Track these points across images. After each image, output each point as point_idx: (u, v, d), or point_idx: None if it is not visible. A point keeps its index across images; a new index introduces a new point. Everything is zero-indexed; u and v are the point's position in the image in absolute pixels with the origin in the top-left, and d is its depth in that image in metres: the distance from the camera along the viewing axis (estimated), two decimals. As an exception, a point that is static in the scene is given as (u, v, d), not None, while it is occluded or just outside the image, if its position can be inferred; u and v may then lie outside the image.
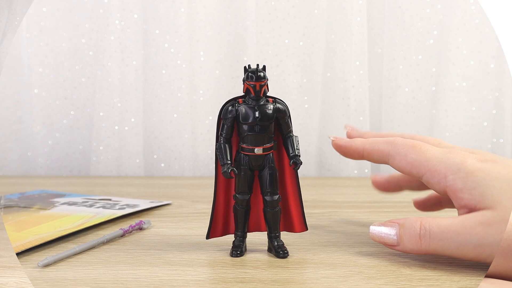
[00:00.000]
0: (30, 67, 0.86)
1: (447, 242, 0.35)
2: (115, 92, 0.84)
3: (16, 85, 0.87)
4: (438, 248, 0.35)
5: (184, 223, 0.51)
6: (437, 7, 0.85)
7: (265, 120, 0.38)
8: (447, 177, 0.36)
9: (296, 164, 0.39)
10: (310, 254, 0.40)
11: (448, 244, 0.35)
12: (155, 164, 0.88)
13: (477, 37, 0.84)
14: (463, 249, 0.34)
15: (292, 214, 0.41)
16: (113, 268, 0.37)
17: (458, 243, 0.34)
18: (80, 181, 0.78)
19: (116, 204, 0.56)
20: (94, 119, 0.85)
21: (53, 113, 0.87)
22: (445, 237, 0.35)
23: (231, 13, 0.85)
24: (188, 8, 0.84)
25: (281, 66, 0.86)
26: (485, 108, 0.86)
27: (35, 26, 0.85)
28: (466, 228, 0.34)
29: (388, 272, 0.36)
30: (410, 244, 0.36)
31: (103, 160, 0.85)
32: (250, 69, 0.38)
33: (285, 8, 0.85)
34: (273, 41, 0.86)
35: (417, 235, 0.36)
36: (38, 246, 0.41)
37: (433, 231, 0.35)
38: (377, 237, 0.38)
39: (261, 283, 0.34)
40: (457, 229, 0.34)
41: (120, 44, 0.83)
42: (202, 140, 0.87)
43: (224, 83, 0.86)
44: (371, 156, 0.42)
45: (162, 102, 0.86)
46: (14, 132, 0.88)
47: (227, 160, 0.38)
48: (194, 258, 0.39)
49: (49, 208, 0.55)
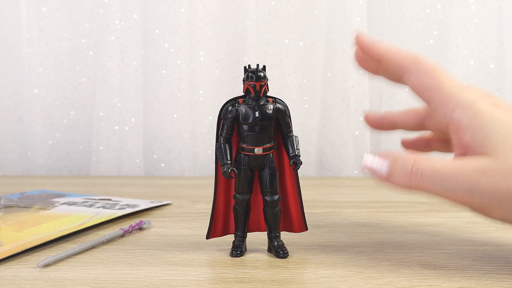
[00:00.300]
0: (30, 67, 0.86)
1: (438, 184, 0.34)
2: (115, 92, 0.84)
3: (16, 85, 0.87)
4: (427, 188, 0.34)
5: (184, 223, 0.51)
6: (437, 7, 0.85)
7: (265, 120, 0.38)
8: (455, 110, 0.35)
9: (296, 164, 0.39)
10: (310, 254, 0.40)
11: (439, 185, 0.34)
12: (155, 164, 0.88)
13: (477, 37, 0.84)
14: (453, 193, 0.33)
15: (292, 214, 0.41)
16: (113, 268, 0.37)
17: (448, 186, 0.33)
18: (80, 181, 0.78)
19: (116, 204, 0.56)
20: (94, 119, 0.85)
21: (53, 113, 0.87)
22: (436, 178, 0.34)
23: (231, 13, 0.85)
24: (188, 8, 0.84)
25: (281, 66, 0.86)
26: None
27: (35, 26, 0.85)
28: (460, 173, 0.33)
29: (388, 272, 0.36)
30: (400, 179, 0.35)
31: (103, 160, 0.85)
32: (250, 69, 0.38)
33: (285, 8, 0.85)
34: (273, 41, 0.86)
35: (408, 172, 0.35)
36: (38, 246, 0.41)
37: (425, 171, 0.34)
38: (369, 166, 0.37)
39: (261, 283, 0.34)
40: (451, 173, 0.33)
41: (120, 44, 0.84)
42: (202, 140, 0.87)
43: (224, 83, 0.86)
44: (389, 64, 0.39)
45: (162, 102, 0.86)
46: (14, 132, 0.88)
47: (227, 160, 0.38)
48: (194, 258, 0.39)
49: (49, 208, 0.55)
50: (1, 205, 0.56)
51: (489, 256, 0.39)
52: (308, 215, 0.42)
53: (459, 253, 0.40)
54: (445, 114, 0.36)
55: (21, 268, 0.37)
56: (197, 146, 0.87)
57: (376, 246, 0.42)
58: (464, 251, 0.41)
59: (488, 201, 0.33)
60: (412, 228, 0.48)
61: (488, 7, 0.84)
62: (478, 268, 0.36)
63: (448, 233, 0.46)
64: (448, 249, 0.41)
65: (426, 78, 0.37)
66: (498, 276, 0.34)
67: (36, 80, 0.86)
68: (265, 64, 0.48)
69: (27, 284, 0.34)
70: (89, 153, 0.87)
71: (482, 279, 0.34)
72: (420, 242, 0.43)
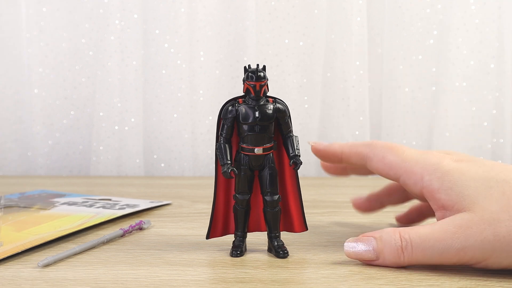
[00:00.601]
0: (30, 67, 0.86)
1: (430, 251, 0.34)
2: (115, 92, 0.84)
3: (16, 85, 0.87)
4: (420, 258, 0.35)
5: (184, 223, 0.51)
6: (437, 7, 0.85)
7: (265, 120, 0.38)
8: (423, 177, 0.36)
9: (296, 164, 0.39)
10: (310, 254, 0.40)
11: (431, 252, 0.34)
12: (155, 164, 0.88)
13: (477, 37, 0.84)
14: (446, 255, 0.34)
15: (292, 214, 0.41)
16: (113, 268, 0.37)
17: (440, 249, 0.34)
18: (80, 181, 0.78)
19: (116, 204, 0.56)
20: (94, 119, 0.85)
21: (53, 113, 0.87)
22: (427, 246, 0.34)
23: (231, 13, 0.85)
24: (188, 8, 0.84)
25: (281, 66, 0.86)
26: (485, 108, 0.86)
27: (35, 26, 0.85)
28: (447, 234, 0.34)
29: (388, 272, 0.36)
30: (391, 257, 0.35)
31: (103, 160, 0.85)
32: (250, 69, 0.38)
33: (285, 8, 0.85)
34: (273, 41, 0.86)
35: (398, 247, 0.35)
36: (38, 246, 0.41)
37: (414, 241, 0.34)
38: (353, 254, 0.37)
39: (261, 283, 0.34)
40: (439, 236, 0.34)
41: (120, 44, 0.84)
42: (202, 140, 0.87)
43: (224, 83, 0.86)
44: (349, 159, 0.42)
45: (162, 102, 0.86)
46: (14, 132, 0.88)
47: (227, 160, 0.38)
48: (194, 258, 0.39)
49: (49, 208, 0.55)
50: (1, 205, 0.56)
51: (489, 256, 0.39)
52: (308, 215, 0.42)
53: (459, 253, 0.40)
54: (415, 184, 0.37)
55: (21, 268, 0.37)
56: (197, 146, 0.87)
57: (376, 246, 0.42)
58: (464, 251, 0.41)
59: (481, 253, 0.33)
60: (412, 228, 0.48)
61: (488, 7, 0.84)
62: (478, 268, 0.36)
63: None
64: (448, 249, 0.41)
65: (387, 157, 0.38)
66: (498, 276, 0.34)
67: (36, 80, 0.86)
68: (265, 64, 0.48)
69: (27, 284, 0.34)
70: (89, 153, 0.87)
71: (482, 279, 0.34)
72: (420, 242, 0.43)
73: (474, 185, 0.34)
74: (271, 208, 0.39)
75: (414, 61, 0.86)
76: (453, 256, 0.34)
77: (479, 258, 0.33)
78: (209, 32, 0.85)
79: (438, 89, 0.86)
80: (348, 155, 0.42)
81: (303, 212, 0.41)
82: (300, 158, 0.39)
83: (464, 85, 0.85)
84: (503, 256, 0.33)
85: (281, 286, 0.33)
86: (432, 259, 0.34)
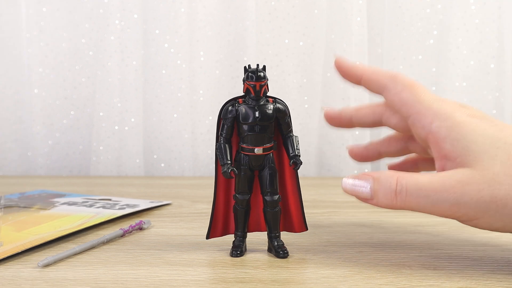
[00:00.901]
0: (30, 67, 0.86)
1: (424, 200, 0.34)
2: (115, 92, 0.84)
3: (16, 85, 0.88)
4: (413, 205, 0.35)
5: (184, 223, 0.51)
6: (437, 7, 0.85)
7: (265, 120, 0.38)
8: (433, 123, 0.36)
9: (296, 164, 0.39)
10: (310, 254, 0.40)
11: (425, 201, 0.34)
12: (155, 164, 0.88)
13: (477, 37, 0.84)
14: (439, 207, 0.34)
15: (292, 214, 0.41)
16: (113, 268, 0.37)
17: (434, 200, 0.34)
18: (80, 181, 0.78)
19: (116, 204, 0.56)
20: (94, 119, 0.85)
21: (53, 113, 0.87)
22: (421, 194, 0.34)
23: (231, 13, 0.85)
24: (188, 8, 0.85)
25: (281, 66, 0.86)
26: (485, 108, 0.86)
27: (35, 26, 0.85)
28: (444, 186, 0.33)
29: (388, 272, 0.36)
30: (385, 199, 0.35)
31: (103, 160, 0.85)
32: (250, 69, 0.38)
33: (285, 8, 0.85)
34: (273, 41, 0.86)
35: (393, 191, 0.35)
36: (38, 246, 0.41)
37: (410, 188, 0.34)
38: (350, 190, 0.37)
39: (261, 283, 0.34)
40: (435, 187, 0.34)
41: (120, 44, 0.84)
42: (202, 140, 0.87)
43: (224, 83, 0.86)
44: (368, 83, 0.40)
45: (162, 102, 0.86)
46: (14, 132, 0.88)
47: (227, 160, 0.38)
48: (194, 258, 0.39)
49: (49, 208, 0.55)
50: (1, 205, 0.56)
51: (489, 256, 0.39)
52: (308, 215, 0.42)
53: (459, 253, 0.40)
54: (423, 127, 0.36)
55: (21, 268, 0.37)
56: (197, 146, 0.87)
57: (376, 246, 0.42)
58: (464, 251, 0.41)
59: (474, 211, 0.33)
60: (412, 228, 0.48)
61: (488, 7, 0.84)
62: (478, 268, 0.36)
63: (448, 233, 0.46)
64: (448, 249, 0.41)
65: (404, 93, 0.38)
66: (498, 276, 0.34)
67: (36, 80, 0.86)
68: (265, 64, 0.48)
69: (27, 284, 0.34)
70: (89, 153, 0.87)
71: (482, 279, 0.34)
72: (420, 242, 0.43)
73: (482, 141, 0.34)
74: (271, 208, 0.39)
75: (414, 61, 0.86)
76: (446, 209, 0.34)
77: (471, 216, 0.34)
78: (209, 32, 0.85)
79: (438, 89, 0.86)
80: (369, 77, 0.40)
81: (303, 212, 0.41)
82: (300, 158, 0.39)
83: (464, 85, 0.85)
84: (496, 218, 0.33)
85: (281, 286, 0.33)
86: (425, 208, 0.34)
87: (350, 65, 0.42)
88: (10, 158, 0.88)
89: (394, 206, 0.35)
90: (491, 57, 0.85)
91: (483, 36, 0.84)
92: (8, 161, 0.88)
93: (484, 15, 0.84)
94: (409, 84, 0.38)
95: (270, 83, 0.40)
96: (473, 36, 0.84)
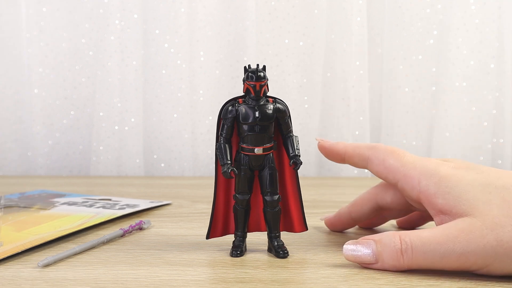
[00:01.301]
0: (30, 67, 0.86)
1: (431, 254, 0.34)
2: (115, 92, 0.84)
3: (16, 85, 0.88)
4: (421, 262, 0.34)
5: (184, 223, 0.51)
6: (437, 7, 0.85)
7: (265, 120, 0.38)
8: (420, 182, 0.36)
9: (296, 164, 0.39)
10: (310, 254, 0.40)
11: (432, 256, 0.34)
12: (155, 164, 0.88)
13: (477, 37, 0.84)
14: (448, 259, 0.33)
15: (292, 214, 0.41)
16: (113, 268, 0.37)
17: (442, 253, 0.33)
18: (80, 181, 0.78)
19: (116, 204, 0.56)
20: (94, 119, 0.85)
21: (53, 113, 0.87)
22: (428, 249, 0.34)
23: (231, 13, 0.85)
24: (188, 8, 0.85)
25: (281, 66, 0.86)
26: (485, 108, 0.86)
27: (35, 26, 0.85)
28: (448, 237, 0.33)
29: (388, 272, 0.36)
30: (391, 260, 0.35)
31: (103, 160, 0.85)
32: (250, 69, 0.38)
33: (285, 8, 0.85)
34: (273, 41, 0.86)
35: (398, 250, 0.35)
36: (38, 246, 0.41)
37: (415, 245, 0.34)
38: (352, 257, 0.36)
39: (261, 283, 0.34)
40: (440, 240, 0.33)
41: (120, 44, 0.84)
42: (202, 140, 0.87)
43: (224, 83, 0.86)
44: (351, 159, 0.42)
45: (162, 102, 0.86)
46: (14, 132, 0.88)
47: (227, 160, 0.38)
48: (194, 258, 0.39)
49: (49, 208, 0.55)
50: (1, 205, 0.56)
51: (489, 256, 0.39)
52: (308, 215, 0.42)
53: (459, 253, 0.40)
54: (413, 188, 0.37)
55: (21, 268, 0.37)
56: (197, 146, 0.87)
57: (376, 246, 0.42)
58: (464, 251, 0.40)
59: (483, 258, 0.33)
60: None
61: (488, 7, 0.84)
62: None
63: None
64: (448, 249, 0.41)
65: (387, 161, 0.39)
66: (498, 276, 0.34)
67: (36, 80, 0.86)
68: (265, 64, 0.48)
69: (27, 284, 0.34)
70: (89, 153, 0.87)
71: (482, 279, 0.34)
72: (420, 242, 0.43)
73: (473, 190, 0.34)
74: (271, 208, 0.39)
75: (414, 61, 0.86)
76: (455, 260, 0.33)
77: (481, 264, 0.33)
78: (209, 32, 0.85)
79: (438, 89, 0.86)
80: (351, 155, 0.42)
81: (303, 212, 0.41)
82: (300, 158, 0.39)
83: (464, 85, 0.85)
84: (506, 262, 0.33)
85: (281, 286, 0.33)
86: (433, 263, 0.34)
87: (331, 146, 0.43)
88: (10, 158, 0.88)
89: (401, 266, 0.35)
90: (491, 57, 0.85)
91: (483, 36, 0.84)
92: (8, 161, 0.88)
93: (484, 15, 0.84)
94: (390, 151, 0.39)
95: (270, 83, 0.40)
96: (473, 36, 0.84)
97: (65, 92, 0.87)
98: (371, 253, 0.36)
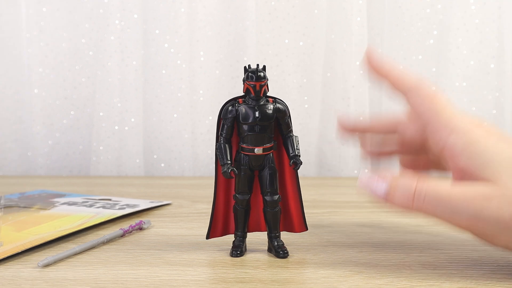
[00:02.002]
0: (30, 67, 0.86)
1: (442, 208, 0.33)
2: (115, 92, 0.84)
3: (16, 85, 0.87)
4: (430, 211, 0.34)
5: (184, 223, 0.51)
6: (437, 7, 0.85)
7: (265, 120, 0.38)
8: (450, 136, 0.35)
9: (296, 164, 0.39)
10: (310, 254, 0.40)
11: (442, 209, 0.33)
12: (155, 164, 0.88)
13: (477, 37, 0.84)
14: (457, 218, 0.33)
15: (292, 214, 0.41)
16: (113, 268, 0.37)
17: (453, 210, 0.33)
18: (80, 181, 0.78)
19: (116, 204, 0.56)
20: (94, 119, 0.85)
21: (53, 113, 0.87)
22: (440, 203, 0.33)
23: (231, 13, 0.85)
24: (188, 8, 0.85)
25: (281, 66, 0.86)
26: (485, 108, 0.86)
27: (35, 26, 0.85)
28: (464, 198, 0.33)
29: (388, 272, 0.36)
30: (401, 200, 0.34)
31: (103, 160, 0.85)
32: (250, 69, 0.38)
33: (285, 8, 0.85)
34: (273, 41, 0.86)
35: (411, 194, 0.34)
36: (38, 246, 0.41)
37: (429, 194, 0.34)
38: (365, 184, 0.36)
39: (261, 283, 0.34)
40: (455, 197, 0.33)
41: (120, 44, 0.84)
42: (202, 140, 0.87)
43: (224, 83, 0.86)
44: (395, 79, 0.40)
45: (162, 102, 0.86)
46: (14, 132, 0.88)
47: (227, 160, 0.38)
48: (194, 258, 0.39)
49: (49, 208, 0.55)
50: (1, 205, 0.56)
51: (489, 256, 0.39)
52: (308, 215, 0.42)
53: (459, 253, 0.40)
54: (440, 139, 0.36)
55: (21, 268, 0.37)
56: (197, 146, 0.87)
57: (376, 246, 0.42)
58: (464, 251, 0.41)
59: (492, 227, 0.33)
60: (412, 228, 0.48)
61: (488, 7, 0.84)
62: (478, 268, 0.36)
63: (448, 233, 0.46)
64: (448, 249, 0.41)
65: (426, 103, 0.38)
66: (498, 276, 0.34)
67: (36, 80, 0.86)
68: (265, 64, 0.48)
69: (27, 284, 0.34)
70: (89, 153, 0.87)
71: (482, 279, 0.34)
72: (420, 242, 0.43)
73: (499, 160, 0.33)
74: (271, 208, 0.39)
75: (414, 61, 0.86)
76: (464, 221, 0.33)
77: (488, 233, 0.33)
78: (209, 32, 0.85)
79: (438, 89, 0.86)
80: (393, 79, 0.41)
81: (303, 212, 0.41)
82: (300, 158, 0.39)
83: (464, 85, 0.85)
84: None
85: (281, 286, 0.33)
86: (442, 216, 0.34)
87: (379, 62, 0.42)
88: (10, 158, 0.88)
89: (410, 209, 0.34)
90: (491, 57, 0.85)
91: (483, 36, 0.84)
92: (8, 161, 0.88)
93: (484, 15, 0.84)
94: (432, 94, 0.38)
95: (270, 83, 0.40)
96: (473, 36, 0.84)
97: (65, 92, 0.87)
98: (384, 186, 0.35)
